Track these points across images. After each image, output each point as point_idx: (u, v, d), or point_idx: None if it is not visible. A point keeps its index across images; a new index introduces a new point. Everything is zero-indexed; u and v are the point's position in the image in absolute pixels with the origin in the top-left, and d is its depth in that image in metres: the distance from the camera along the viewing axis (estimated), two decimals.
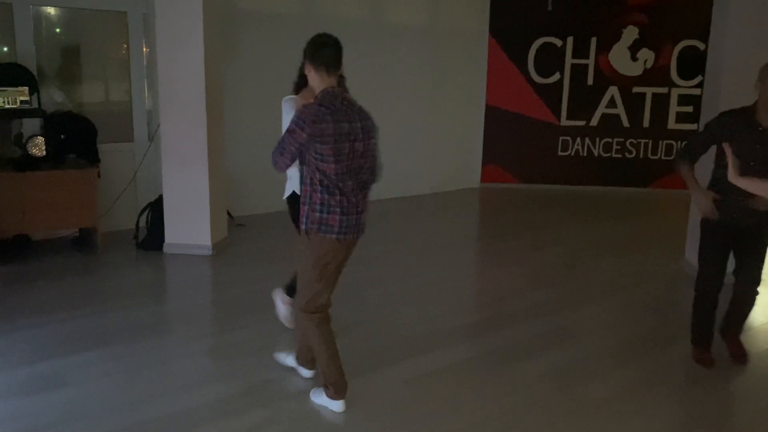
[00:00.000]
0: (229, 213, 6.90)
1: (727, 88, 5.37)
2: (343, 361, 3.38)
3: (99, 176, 5.96)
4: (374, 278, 5.56)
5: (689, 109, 9.49)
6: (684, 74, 9.52)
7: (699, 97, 6.48)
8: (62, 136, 5.96)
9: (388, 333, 4.40)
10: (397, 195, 8.90)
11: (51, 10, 6.41)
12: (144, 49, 6.80)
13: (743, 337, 4.24)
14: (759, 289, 4.00)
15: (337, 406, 3.36)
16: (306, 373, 3.71)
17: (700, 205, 3.77)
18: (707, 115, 5.66)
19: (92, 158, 6.09)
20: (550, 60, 9.59)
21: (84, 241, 6.22)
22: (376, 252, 6.25)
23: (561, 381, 3.77)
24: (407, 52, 8.72)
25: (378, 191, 9.00)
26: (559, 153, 9.83)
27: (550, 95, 9.66)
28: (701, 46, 9.17)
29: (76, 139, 6.06)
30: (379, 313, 4.79)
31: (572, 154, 9.86)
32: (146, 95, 6.89)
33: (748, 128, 3.65)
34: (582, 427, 3.30)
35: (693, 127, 9.03)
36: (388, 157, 9.38)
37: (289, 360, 3.80)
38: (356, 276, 5.59)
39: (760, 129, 3.63)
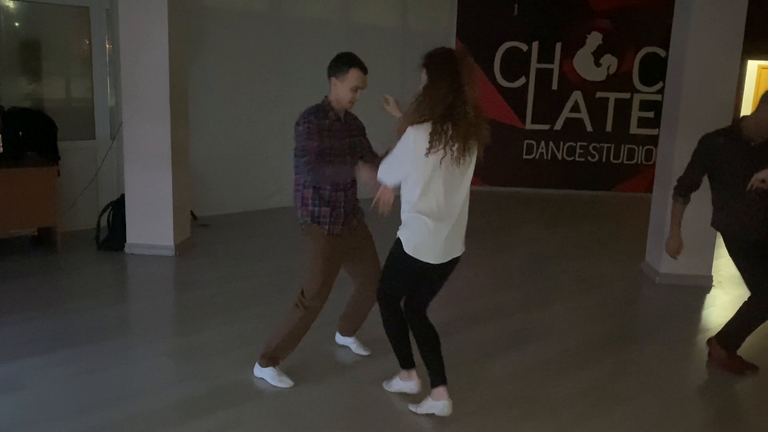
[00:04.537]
0: (192, 213, 6.81)
1: (686, 94, 5.50)
2: (307, 359, 3.34)
3: (59, 175, 5.83)
4: (340, 279, 5.54)
5: (650, 114, 9.69)
6: (646, 80, 9.72)
7: (660, 103, 6.62)
8: (20, 133, 5.81)
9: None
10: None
11: (10, 4, 6.26)
12: (107, 46, 6.68)
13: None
14: None
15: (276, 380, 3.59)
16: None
17: (668, 245, 3.98)
18: (668, 120, 5.79)
19: (52, 156, 5.96)
20: (515, 64, 9.70)
21: (43, 241, 6.08)
22: None
23: (526, 380, 3.81)
24: (375, 52, 8.70)
25: None
26: (524, 156, 9.95)
27: (515, 99, 9.77)
28: (662, 53, 9.37)
29: (35, 136, 5.92)
30: None
31: (537, 157, 9.99)
32: (109, 92, 6.77)
33: (738, 146, 3.73)
34: (548, 425, 3.33)
35: (654, 132, 9.21)
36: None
37: (395, 384, 3.60)
38: None
39: (752, 144, 3.71)
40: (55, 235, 5.92)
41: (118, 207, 6.15)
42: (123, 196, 6.08)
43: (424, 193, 2.98)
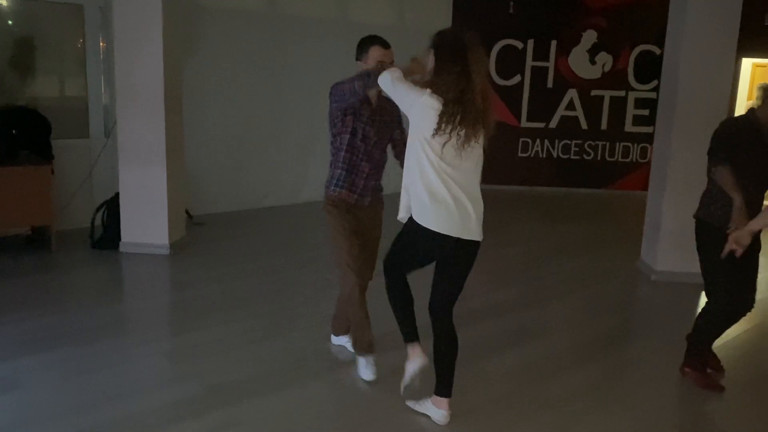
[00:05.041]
0: (187, 212, 6.79)
1: (682, 91, 5.50)
2: (302, 359, 3.33)
3: (53, 173, 5.80)
4: (332, 279, 5.52)
5: (645, 112, 9.70)
6: (641, 78, 9.73)
7: (655, 101, 6.63)
8: (14, 132, 5.78)
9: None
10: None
11: (3, 1, 6.22)
12: (101, 44, 6.65)
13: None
14: None
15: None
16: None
17: (740, 221, 3.42)
18: (663, 118, 5.80)
19: (46, 155, 5.93)
20: (511, 62, 9.69)
21: (37, 240, 6.04)
22: None
23: (523, 379, 3.81)
24: None
25: None
26: (519, 154, 9.95)
27: (510, 97, 9.76)
28: (657, 50, 9.38)
29: (29, 134, 5.89)
30: None
31: (532, 155, 9.99)
32: (103, 90, 6.73)
33: (756, 138, 3.55)
34: (545, 423, 3.33)
35: (649, 129, 9.21)
36: None
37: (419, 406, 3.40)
38: (317, 277, 5.57)
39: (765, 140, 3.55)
40: (50, 234, 5.89)
41: (112, 206, 6.11)
42: (117, 194, 6.05)
43: (427, 162, 2.98)
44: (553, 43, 9.68)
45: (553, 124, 9.90)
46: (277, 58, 7.87)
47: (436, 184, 2.98)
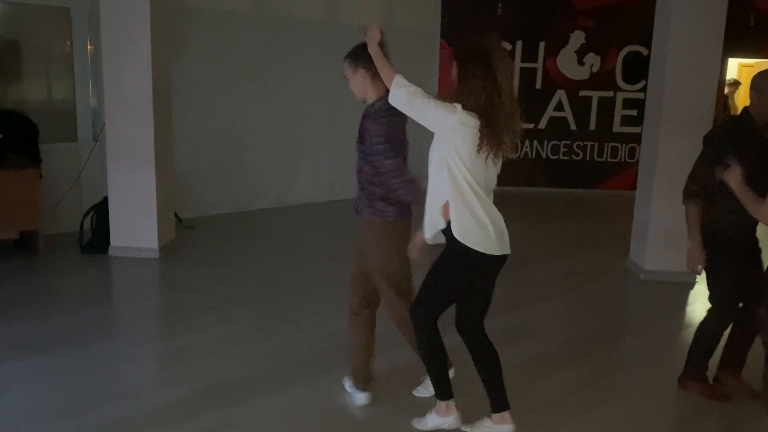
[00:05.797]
0: (177, 215, 6.76)
1: (669, 92, 5.54)
2: (294, 360, 3.33)
3: (41, 177, 5.77)
4: (328, 279, 5.54)
5: (633, 112, 9.75)
6: (628, 78, 9.79)
7: (643, 101, 6.69)
8: (1, 136, 5.74)
9: (342, 333, 4.37)
10: (346, 197, 8.85)
11: None
12: (88, 47, 6.61)
13: None
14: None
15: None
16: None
17: (692, 257, 3.51)
18: (651, 118, 5.83)
19: (34, 158, 5.89)
20: None
21: (25, 244, 6.00)
22: (325, 253, 6.25)
23: (514, 378, 3.79)
24: None
25: (325, 192, 8.98)
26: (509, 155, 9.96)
27: None
28: (645, 51, 9.43)
29: (16, 138, 5.85)
30: (336, 314, 4.76)
31: (521, 156, 10.02)
32: (91, 94, 6.70)
33: (753, 138, 3.44)
34: (536, 422, 3.35)
35: (637, 130, 9.26)
36: (341, 159, 9.38)
37: (430, 421, 3.25)
38: (307, 278, 5.56)
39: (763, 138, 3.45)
40: (38, 239, 5.85)
41: (101, 209, 6.08)
42: (106, 198, 6.02)
43: (464, 183, 2.83)
44: (542, 44, 9.73)
45: (542, 124, 9.93)
46: (265, 60, 7.86)
47: (477, 203, 2.88)
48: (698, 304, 5.29)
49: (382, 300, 3.39)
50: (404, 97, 2.83)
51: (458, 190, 2.85)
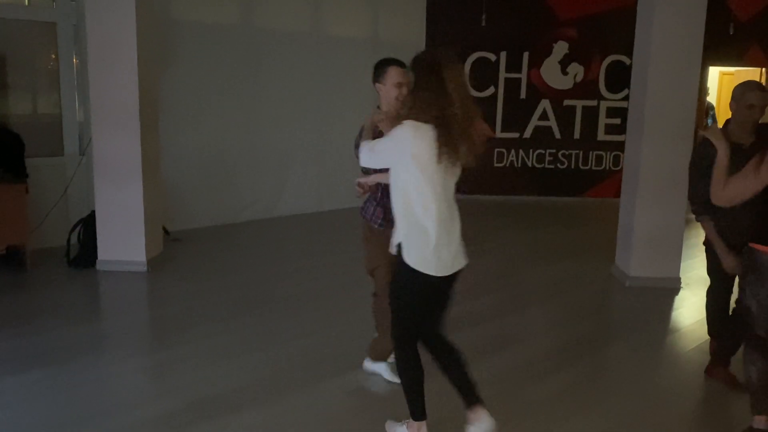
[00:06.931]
0: (164, 228, 6.76)
1: (651, 100, 5.62)
2: (283, 372, 3.33)
3: (27, 192, 5.75)
4: (317, 290, 5.55)
5: (617, 121, 9.87)
6: (612, 88, 9.91)
7: (626, 110, 6.77)
8: None
9: (331, 343, 4.40)
10: (334, 207, 8.89)
11: None
12: (74, 61, 6.62)
13: None
14: None
15: None
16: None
17: (728, 266, 3.74)
18: (633, 126, 5.92)
19: (20, 173, 5.87)
20: (484, 74, 9.81)
21: (12, 259, 5.97)
22: (314, 264, 6.27)
23: (502, 385, 3.85)
24: (347, 63, 8.75)
25: (313, 203, 9.00)
26: (495, 164, 10.05)
27: (485, 108, 9.77)
28: (627, 60, 9.55)
29: (2, 153, 5.83)
30: (325, 324, 4.77)
31: (507, 165, 10.10)
32: (77, 107, 6.70)
33: (732, 151, 3.45)
34: (524, 428, 3.38)
35: (621, 138, 9.36)
36: (327, 169, 9.39)
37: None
38: (296, 290, 5.57)
39: (743, 149, 3.56)
40: (25, 254, 5.83)
41: (88, 223, 6.07)
42: (93, 212, 6.01)
43: (419, 199, 2.87)
44: (526, 54, 9.83)
45: (527, 134, 10.03)
46: (252, 72, 7.89)
47: (430, 219, 2.90)
48: (683, 309, 5.36)
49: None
50: (367, 155, 3.01)
51: (409, 209, 2.90)
